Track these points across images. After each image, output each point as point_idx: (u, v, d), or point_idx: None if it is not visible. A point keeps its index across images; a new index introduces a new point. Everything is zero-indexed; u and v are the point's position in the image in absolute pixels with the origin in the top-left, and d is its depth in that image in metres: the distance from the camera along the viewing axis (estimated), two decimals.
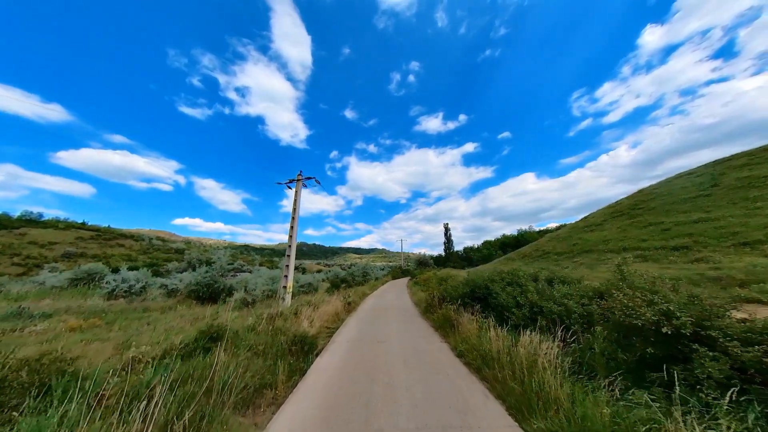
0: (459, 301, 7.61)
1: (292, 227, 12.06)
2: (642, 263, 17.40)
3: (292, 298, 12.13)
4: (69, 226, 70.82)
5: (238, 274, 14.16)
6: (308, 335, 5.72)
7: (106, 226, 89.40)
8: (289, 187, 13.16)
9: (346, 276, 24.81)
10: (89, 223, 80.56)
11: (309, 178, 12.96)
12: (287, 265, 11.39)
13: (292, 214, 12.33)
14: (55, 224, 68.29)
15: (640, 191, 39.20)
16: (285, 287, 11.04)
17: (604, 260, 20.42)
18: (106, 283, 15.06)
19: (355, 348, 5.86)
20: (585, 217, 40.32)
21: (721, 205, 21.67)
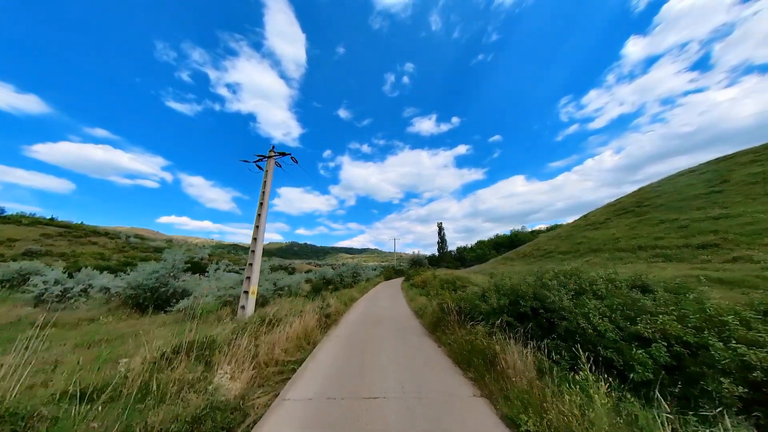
0: (492, 320, 4.98)
1: (259, 215, 9.48)
2: (665, 263, 15.54)
3: (258, 306, 9.54)
4: (34, 221, 65.60)
5: (208, 273, 11.69)
6: (221, 403, 3.12)
7: (79, 222, 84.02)
8: (259, 167, 10.57)
9: (334, 277, 22.22)
10: (59, 219, 75.18)
11: (283, 155, 10.38)
12: (251, 264, 8.79)
13: (260, 198, 9.74)
14: (18, 219, 63.00)
15: (641, 189, 38.08)
16: (247, 292, 8.45)
17: (619, 259, 18.56)
18: (33, 285, 12.10)
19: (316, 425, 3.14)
20: (585, 216, 38.92)
21: (739, 201, 20.16)
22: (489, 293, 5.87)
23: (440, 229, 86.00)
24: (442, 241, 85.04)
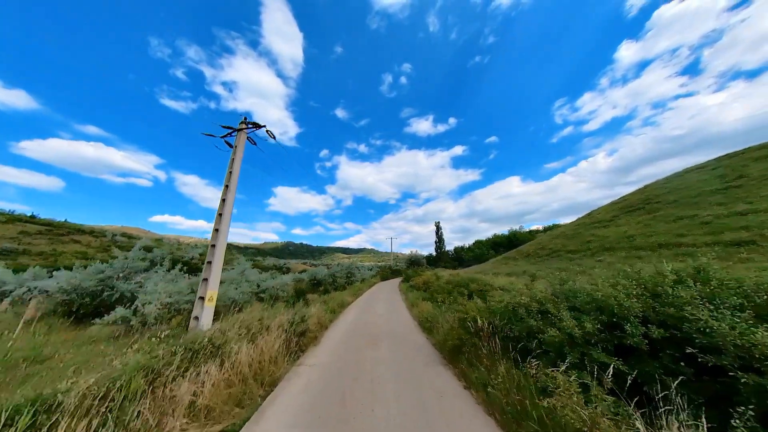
0: (571, 357, 2.96)
1: (223, 200, 7.51)
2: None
3: (232, 314, 7.58)
4: (12, 219, 62.50)
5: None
6: None
7: (63, 220, 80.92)
8: (228, 144, 8.59)
9: (326, 278, 20.24)
10: (41, 217, 72.07)
11: (257, 126, 8.40)
12: (209, 262, 6.81)
13: (225, 180, 7.77)
14: None
15: (647, 186, 36.75)
16: (203, 298, 6.48)
17: (638, 258, 16.93)
18: None
19: None
20: (589, 213, 37.48)
21: (765, 196, 18.69)
22: (549, 305, 3.92)
23: (438, 228, 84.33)
24: (439, 241, 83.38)
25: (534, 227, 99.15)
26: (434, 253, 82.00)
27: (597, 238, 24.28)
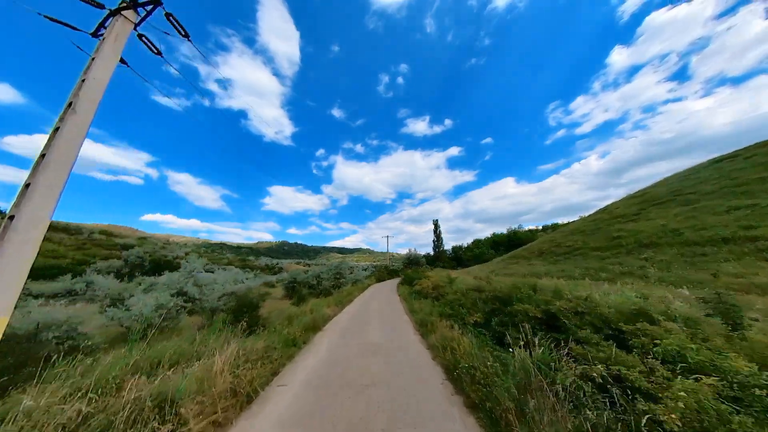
0: None
1: (62, 120, 3.73)
2: None
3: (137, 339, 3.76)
4: None
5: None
6: None
7: None
8: (97, 35, 4.77)
9: (308, 280, 16.37)
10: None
11: (153, 4, 4.60)
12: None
13: (75, 89, 3.99)
14: None
15: (665, 179, 33.66)
16: None
17: (702, 255, 13.54)
18: None
19: None
20: (604, 209, 34.21)
21: None
22: None
23: (436, 226, 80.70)
24: (438, 240, 79.73)
25: (533, 227, 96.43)
26: (432, 253, 78.32)
27: (628, 234, 20.88)
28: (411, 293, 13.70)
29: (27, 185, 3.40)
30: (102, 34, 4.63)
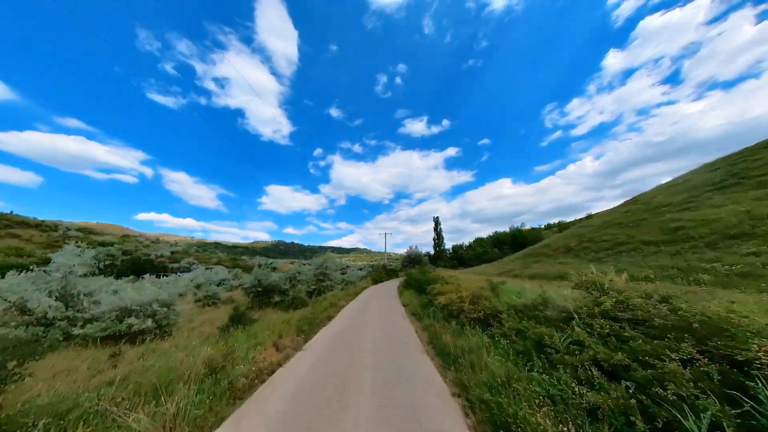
0: None
1: None
2: None
3: None
4: None
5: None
6: None
7: (9, 212, 70.46)
8: None
9: (278, 284, 11.60)
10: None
11: None
12: None
13: None
14: None
15: (706, 165, 29.05)
16: None
17: None
18: None
19: None
20: (634, 199, 29.61)
21: None
22: None
23: (437, 224, 76.07)
24: (438, 238, 75.08)
25: (536, 226, 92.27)
26: (432, 252, 73.60)
27: (693, 224, 16.38)
28: (424, 306, 8.94)
29: None
30: None
